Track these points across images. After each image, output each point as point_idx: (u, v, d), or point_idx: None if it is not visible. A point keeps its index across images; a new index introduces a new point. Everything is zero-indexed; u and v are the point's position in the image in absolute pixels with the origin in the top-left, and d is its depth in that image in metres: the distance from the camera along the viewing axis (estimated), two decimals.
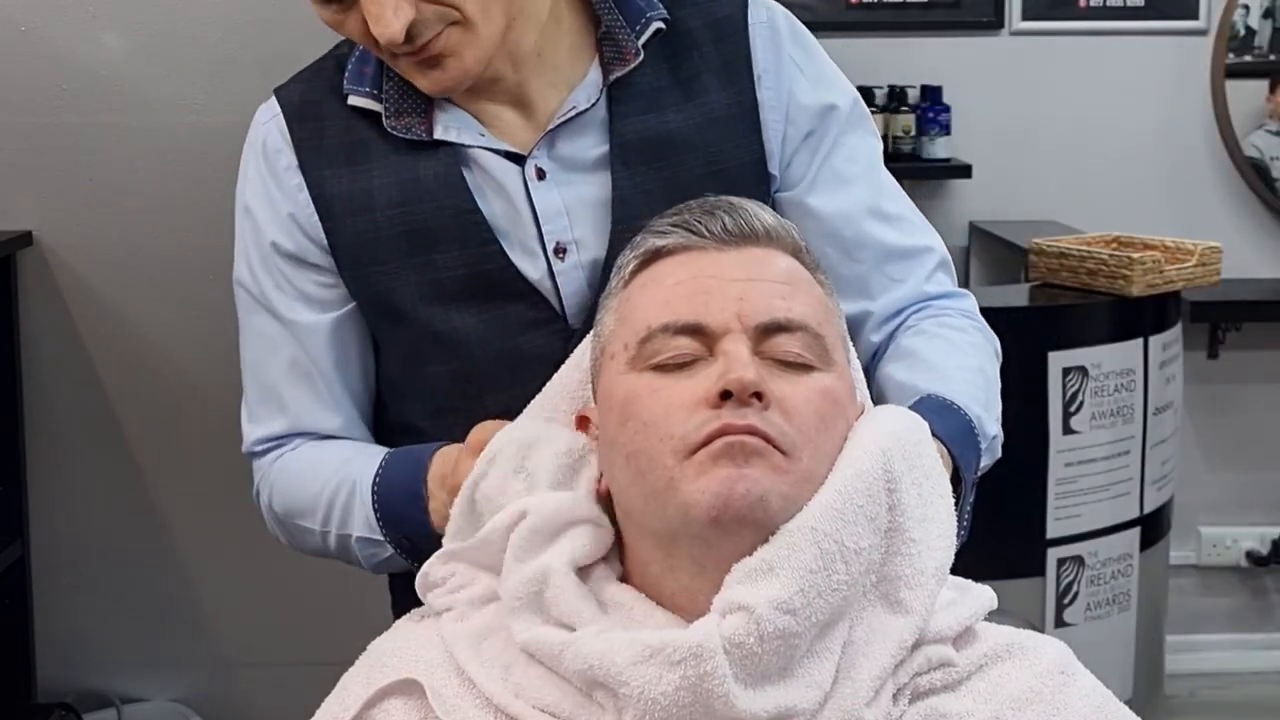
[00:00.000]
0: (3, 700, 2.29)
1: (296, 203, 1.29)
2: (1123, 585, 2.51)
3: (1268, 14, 3.31)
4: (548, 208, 1.26)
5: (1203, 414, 3.33)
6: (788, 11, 1.36)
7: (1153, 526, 2.59)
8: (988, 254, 3.19)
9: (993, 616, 1.09)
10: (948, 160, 3.23)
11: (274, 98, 1.32)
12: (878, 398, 1.28)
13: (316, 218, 1.29)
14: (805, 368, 1.02)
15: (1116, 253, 2.52)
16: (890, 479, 1.01)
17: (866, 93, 3.25)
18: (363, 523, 1.25)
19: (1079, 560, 2.47)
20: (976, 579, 1.09)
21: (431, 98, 1.26)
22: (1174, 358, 2.62)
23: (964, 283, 1.50)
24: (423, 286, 1.26)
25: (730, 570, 0.98)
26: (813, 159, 1.32)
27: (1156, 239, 2.65)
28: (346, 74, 1.29)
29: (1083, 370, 2.42)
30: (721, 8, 1.32)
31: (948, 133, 3.22)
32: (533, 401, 1.20)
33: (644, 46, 1.27)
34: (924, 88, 3.25)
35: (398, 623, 1.12)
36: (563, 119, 1.27)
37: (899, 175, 1.42)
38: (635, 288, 1.08)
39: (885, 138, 3.24)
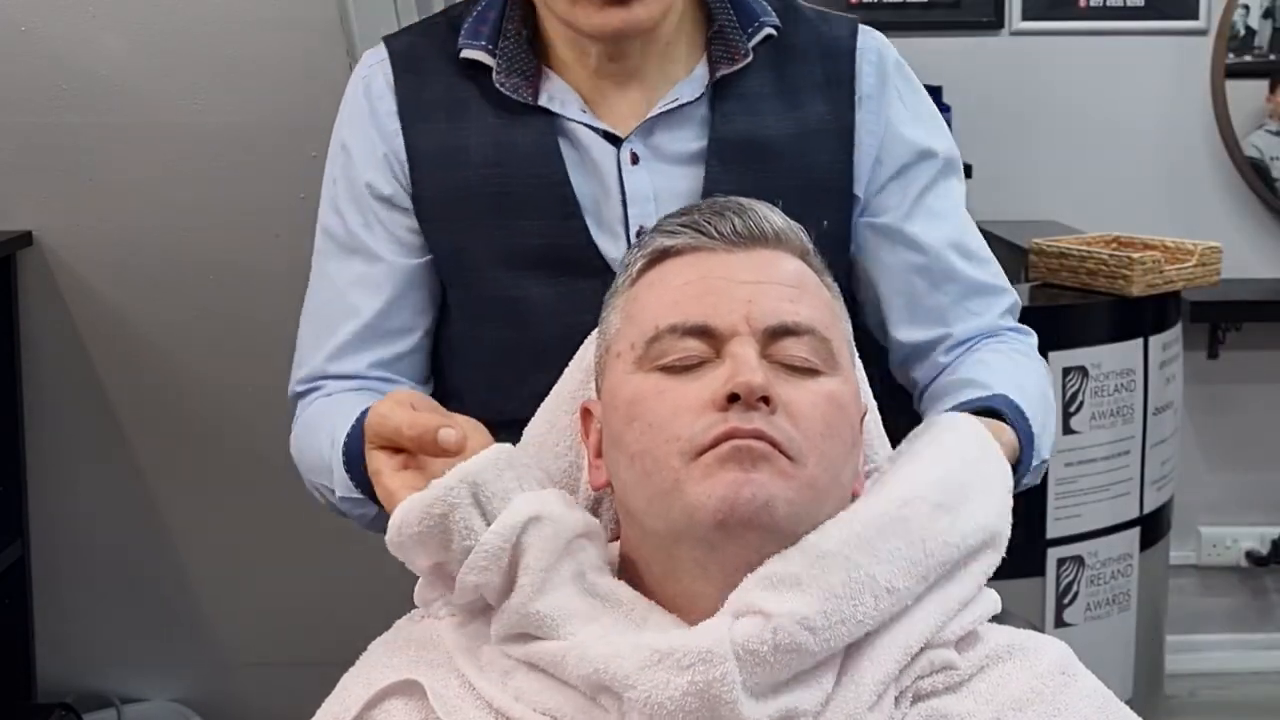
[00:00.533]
0: (3, 700, 2.29)
1: (393, 147, 1.32)
2: (1123, 585, 2.51)
3: (1268, 14, 3.31)
4: (637, 191, 1.29)
5: (1203, 414, 3.33)
6: (897, 53, 1.39)
7: (1153, 526, 2.59)
8: None
9: (993, 616, 1.09)
10: None
11: (382, 44, 1.35)
12: (940, 388, 1.31)
13: (407, 167, 1.31)
14: (812, 372, 1.02)
15: (1116, 253, 2.52)
16: (940, 531, 1.01)
17: None
18: (341, 482, 1.24)
19: (1079, 560, 2.47)
20: None
21: (540, 67, 1.29)
22: (1174, 358, 2.61)
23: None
24: (500, 249, 1.28)
25: (738, 571, 0.98)
26: (906, 193, 1.35)
27: (1156, 239, 2.65)
28: (463, 30, 1.31)
29: (1083, 370, 2.42)
30: (832, 28, 1.35)
31: None
32: (542, 405, 1.20)
33: (753, 50, 1.30)
34: (924, 87, 3.25)
35: (398, 623, 1.12)
36: (665, 108, 1.29)
37: None
38: (643, 286, 1.08)
39: None
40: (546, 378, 1.21)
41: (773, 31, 1.31)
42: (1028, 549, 2.40)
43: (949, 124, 3.53)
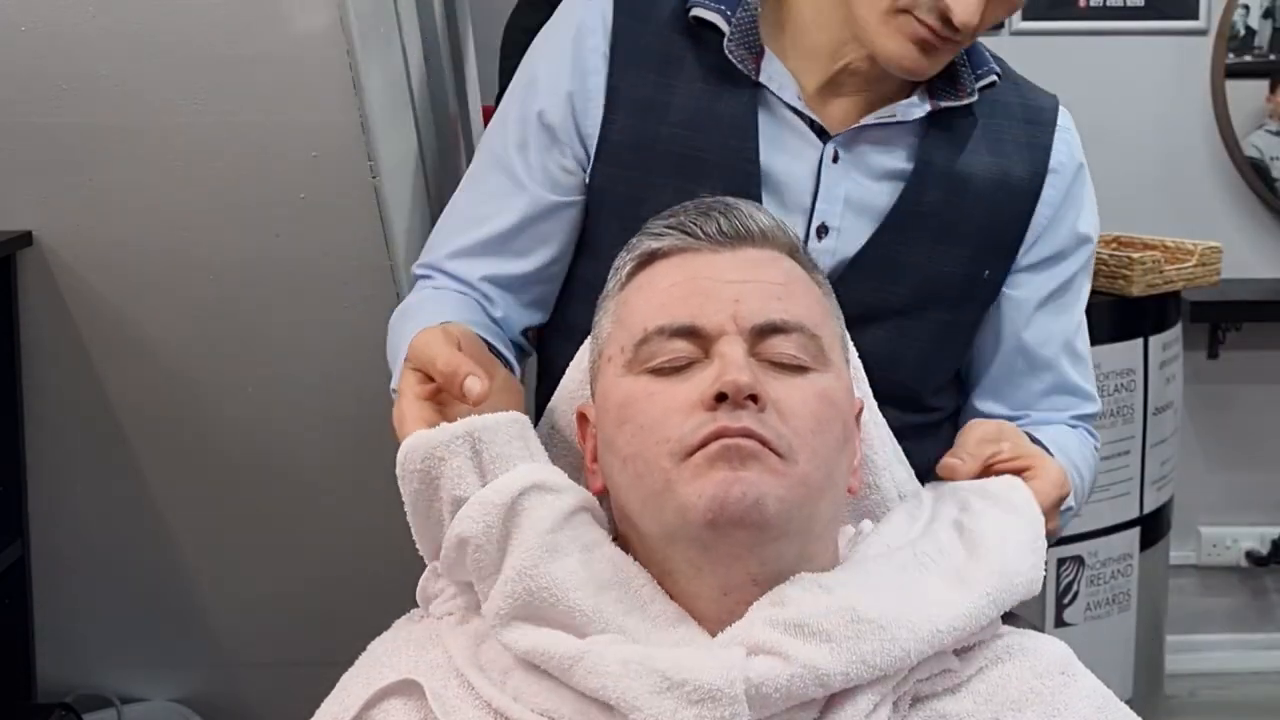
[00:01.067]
0: (3, 700, 2.28)
1: (584, 85, 1.33)
2: (1123, 585, 2.51)
3: (1268, 14, 3.31)
4: (830, 190, 1.31)
5: (1203, 414, 3.33)
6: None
7: (1153, 526, 2.59)
8: None
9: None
10: None
11: None
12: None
13: (598, 105, 1.32)
14: (801, 369, 1.02)
15: (1116, 253, 2.52)
16: (989, 625, 1.04)
17: None
18: (396, 378, 1.26)
19: (1079, 560, 2.47)
20: None
21: (763, 47, 1.31)
22: (1174, 358, 2.62)
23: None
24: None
25: (733, 570, 0.97)
26: (1050, 279, 1.39)
27: (1156, 239, 2.65)
28: None
29: None
30: (1038, 98, 1.41)
31: None
32: (547, 407, 1.21)
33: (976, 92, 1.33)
34: None
35: (397, 623, 1.12)
36: (880, 120, 1.32)
37: None
38: (631, 290, 1.08)
39: None
40: None
41: (995, 79, 1.35)
42: None
43: None
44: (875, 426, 1.20)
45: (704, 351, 1.01)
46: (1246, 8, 3.30)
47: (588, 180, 1.34)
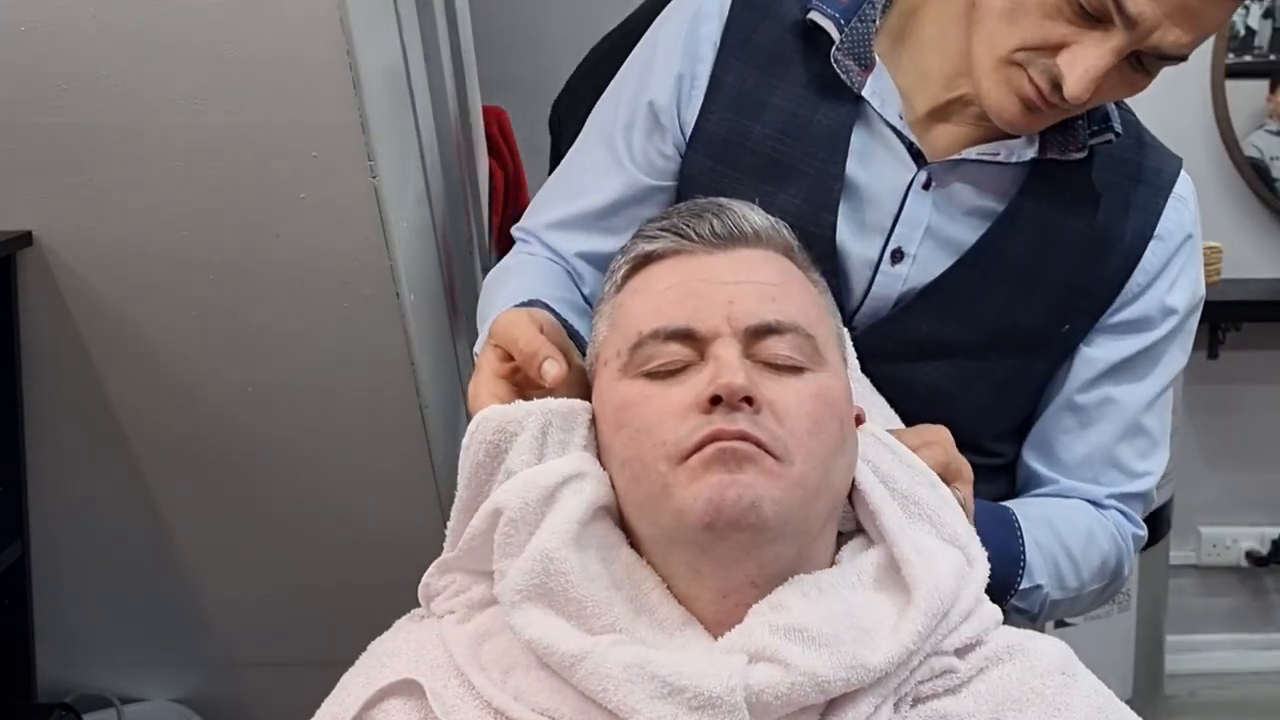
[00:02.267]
0: (3, 700, 2.28)
1: (693, 71, 1.33)
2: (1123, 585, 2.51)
3: (1268, 14, 3.31)
4: (914, 215, 1.29)
5: (1203, 414, 3.33)
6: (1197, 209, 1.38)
7: (1153, 526, 2.58)
8: None
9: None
10: None
11: None
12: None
13: (700, 93, 1.33)
14: (797, 369, 1.02)
15: None
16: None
17: None
18: (480, 343, 1.28)
19: None
20: None
21: (874, 59, 1.28)
22: None
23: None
24: None
25: (731, 572, 0.97)
26: (1128, 342, 1.34)
27: None
28: None
29: None
30: (1160, 160, 1.36)
31: None
32: None
33: (1089, 148, 1.29)
34: None
35: (398, 623, 1.12)
36: (982, 156, 1.28)
37: None
38: (626, 293, 1.08)
39: None
40: None
41: (1112, 139, 1.30)
42: None
43: None
44: (873, 423, 1.20)
45: (699, 354, 1.01)
46: (1246, 8, 3.30)
47: (681, 166, 1.34)
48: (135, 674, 2.52)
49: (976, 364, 1.31)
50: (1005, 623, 1.07)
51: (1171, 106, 3.30)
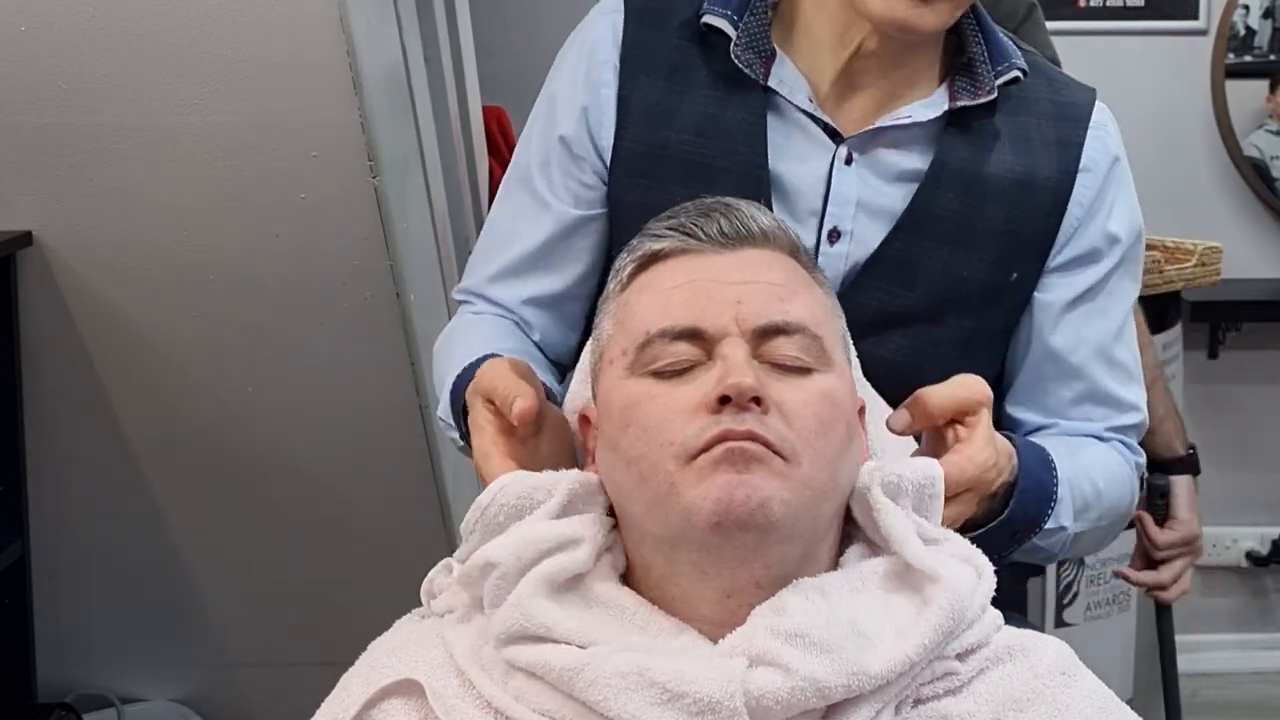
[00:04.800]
0: (3, 700, 2.28)
1: (596, 99, 1.34)
2: (1123, 585, 2.51)
3: (1268, 14, 3.31)
4: (842, 193, 1.30)
5: (1203, 414, 3.33)
6: (1119, 135, 1.39)
7: None
8: None
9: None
10: None
11: None
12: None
13: (610, 117, 1.33)
14: (804, 370, 1.02)
15: None
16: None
17: None
18: (443, 407, 1.32)
19: (1079, 560, 2.47)
20: None
21: (774, 50, 1.30)
22: (1174, 358, 2.61)
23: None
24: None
25: (736, 572, 0.97)
26: (1080, 278, 1.35)
27: (1156, 239, 2.65)
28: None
29: None
30: (1073, 94, 1.36)
31: None
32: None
33: (997, 89, 1.30)
34: None
35: (399, 622, 1.12)
36: (896, 122, 1.29)
37: None
38: (633, 292, 1.08)
39: None
40: None
41: (1020, 75, 1.31)
42: None
43: None
44: (880, 426, 1.20)
45: (706, 353, 1.01)
46: (1246, 8, 3.30)
47: (607, 192, 1.35)
48: (135, 674, 2.52)
49: (934, 329, 1.31)
50: (1023, 561, 1.07)
51: (1172, 106, 3.30)
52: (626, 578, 1.05)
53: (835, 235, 1.30)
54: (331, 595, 2.36)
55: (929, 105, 1.30)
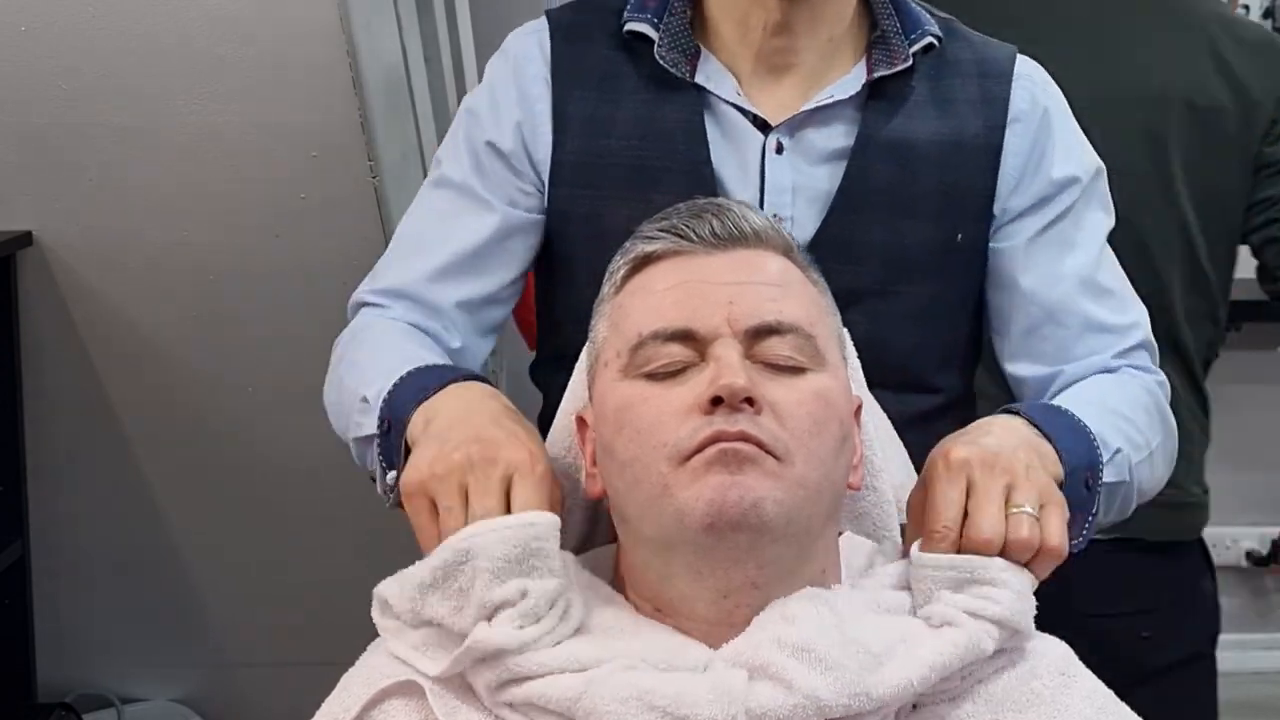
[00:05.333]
0: (3, 700, 2.28)
1: (530, 113, 1.35)
2: None
3: (1268, 14, 3.31)
4: (776, 181, 1.31)
5: None
6: (1057, 88, 1.39)
7: None
8: None
9: None
10: None
11: (544, 16, 1.38)
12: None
13: (546, 130, 1.34)
14: (798, 369, 1.02)
15: None
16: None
17: None
18: (358, 428, 1.28)
19: None
20: None
21: (699, 48, 1.32)
22: None
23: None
24: (634, 219, 1.27)
25: (731, 573, 0.97)
26: (1037, 222, 1.35)
27: None
28: (630, 4, 1.34)
29: None
30: (993, 50, 1.37)
31: None
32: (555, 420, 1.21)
33: (913, 57, 1.32)
34: None
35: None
36: (819, 104, 1.31)
37: None
38: (626, 294, 1.08)
39: None
40: None
41: (934, 41, 1.33)
42: None
43: None
44: (874, 426, 1.20)
45: (699, 354, 1.01)
46: (1246, 8, 3.29)
47: (547, 204, 1.36)
48: (135, 674, 2.52)
49: (888, 302, 1.31)
50: (1100, 508, 1.10)
51: None
52: (623, 579, 1.06)
53: (777, 222, 1.30)
54: (331, 595, 2.36)
55: (848, 83, 1.32)
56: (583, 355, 1.18)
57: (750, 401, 0.97)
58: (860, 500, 1.18)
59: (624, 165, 1.32)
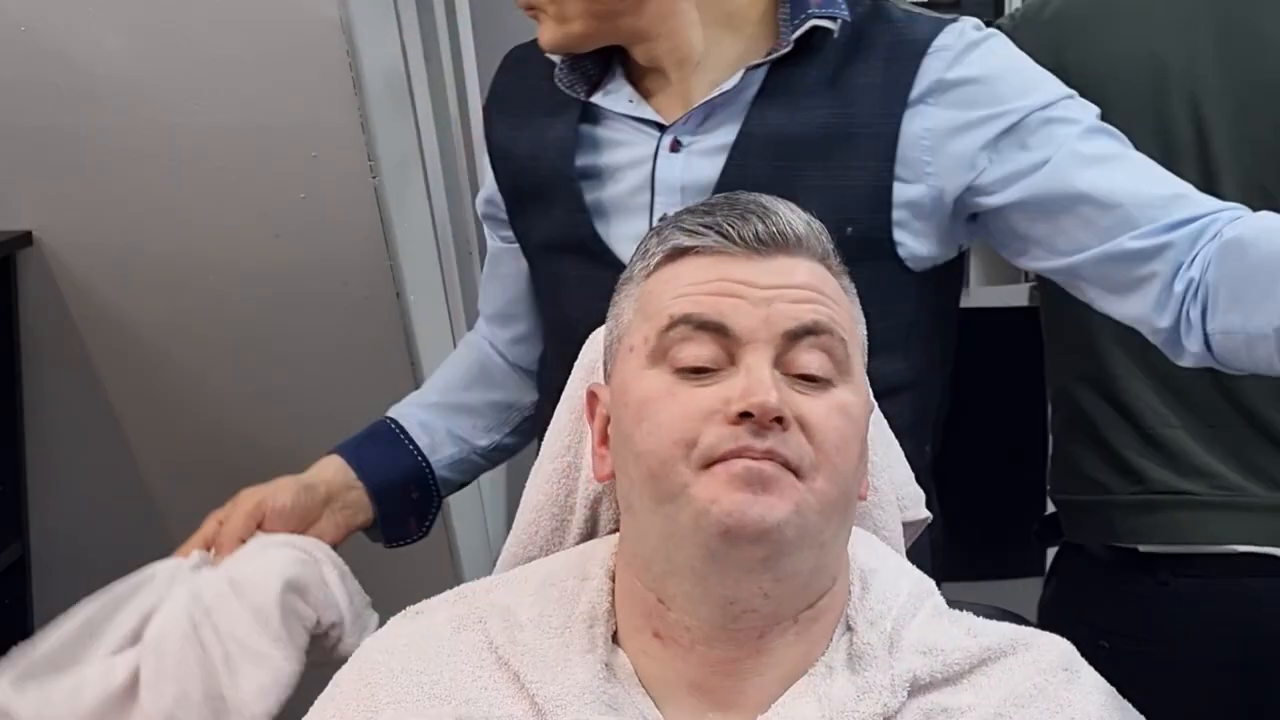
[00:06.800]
0: None
1: (485, 147, 1.48)
2: None
3: None
4: (666, 180, 1.32)
5: None
6: (993, 33, 1.33)
7: None
8: (988, 254, 3.18)
9: (994, 616, 1.09)
10: None
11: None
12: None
13: (491, 159, 1.47)
14: (826, 383, 1.01)
15: None
16: None
17: None
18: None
19: None
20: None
21: (609, 65, 1.36)
22: None
23: (964, 283, 1.51)
24: (544, 234, 1.39)
25: (736, 582, 0.97)
26: (1029, 156, 1.27)
27: None
28: None
29: None
30: (913, 29, 1.32)
31: None
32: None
33: (810, 42, 1.29)
34: None
35: (392, 620, 1.12)
36: (707, 99, 1.31)
37: None
38: (658, 281, 1.05)
39: None
40: (565, 369, 1.27)
41: (823, 24, 1.29)
42: (1028, 549, 2.40)
43: None
44: (876, 426, 1.19)
45: (730, 357, 0.99)
46: None
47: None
48: None
49: None
50: None
51: None
52: (621, 571, 1.05)
53: (664, 221, 1.32)
54: None
55: (735, 75, 1.31)
56: (587, 348, 1.18)
57: (779, 420, 0.96)
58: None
59: (528, 186, 1.40)
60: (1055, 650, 1.04)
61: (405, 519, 1.48)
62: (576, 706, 0.97)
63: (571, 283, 1.37)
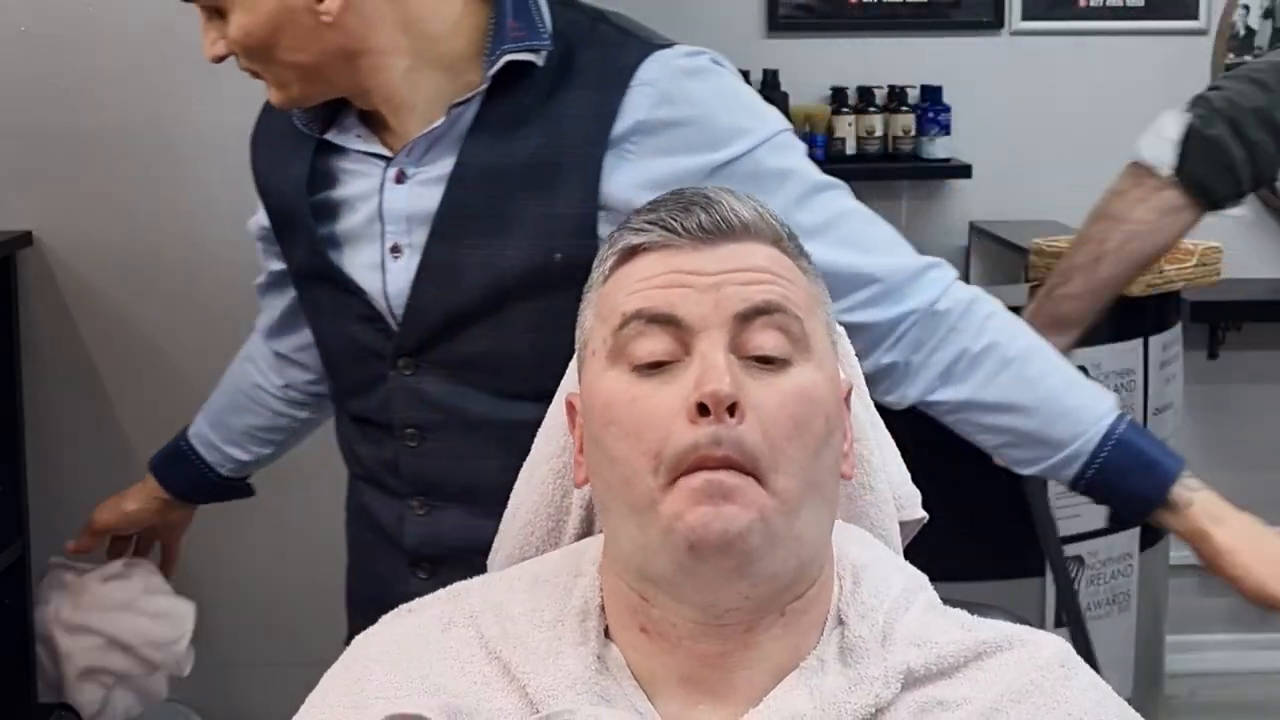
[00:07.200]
0: (3, 700, 2.28)
1: (254, 176, 1.53)
2: (1123, 585, 2.51)
3: (1268, 14, 3.32)
4: (393, 210, 1.38)
5: (1203, 414, 3.34)
6: (703, 66, 1.35)
7: (1153, 526, 2.58)
8: (988, 254, 3.19)
9: (994, 616, 1.09)
10: (947, 160, 3.23)
11: None
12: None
13: (260, 201, 1.53)
14: (784, 362, 1.00)
15: None
16: None
17: (867, 93, 3.26)
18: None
19: (1079, 560, 2.47)
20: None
21: (340, 104, 1.40)
22: (1174, 358, 2.61)
23: (964, 282, 1.51)
24: (297, 263, 1.48)
25: (713, 590, 0.97)
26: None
27: None
28: None
29: (1082, 370, 2.42)
30: (620, 56, 1.33)
31: (947, 133, 3.22)
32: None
33: (515, 74, 1.32)
34: (924, 88, 3.25)
35: (384, 618, 1.12)
36: (424, 132, 1.35)
37: (899, 175, 1.43)
38: (612, 283, 1.06)
39: (885, 138, 3.23)
40: (349, 380, 1.47)
41: (519, 59, 1.31)
42: (1028, 549, 2.40)
43: (949, 124, 3.49)
44: (870, 424, 1.19)
45: (684, 347, 1.00)
46: (1246, 8, 3.30)
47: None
48: None
49: (501, 319, 1.35)
50: None
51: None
52: (606, 569, 1.05)
53: (396, 250, 1.38)
54: (331, 595, 2.36)
55: (451, 111, 1.34)
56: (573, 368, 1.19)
57: (733, 409, 0.96)
58: (859, 500, 1.17)
59: (280, 216, 1.48)
60: (1051, 647, 1.04)
61: (227, 497, 1.90)
62: (568, 698, 0.97)
63: (325, 309, 1.46)
